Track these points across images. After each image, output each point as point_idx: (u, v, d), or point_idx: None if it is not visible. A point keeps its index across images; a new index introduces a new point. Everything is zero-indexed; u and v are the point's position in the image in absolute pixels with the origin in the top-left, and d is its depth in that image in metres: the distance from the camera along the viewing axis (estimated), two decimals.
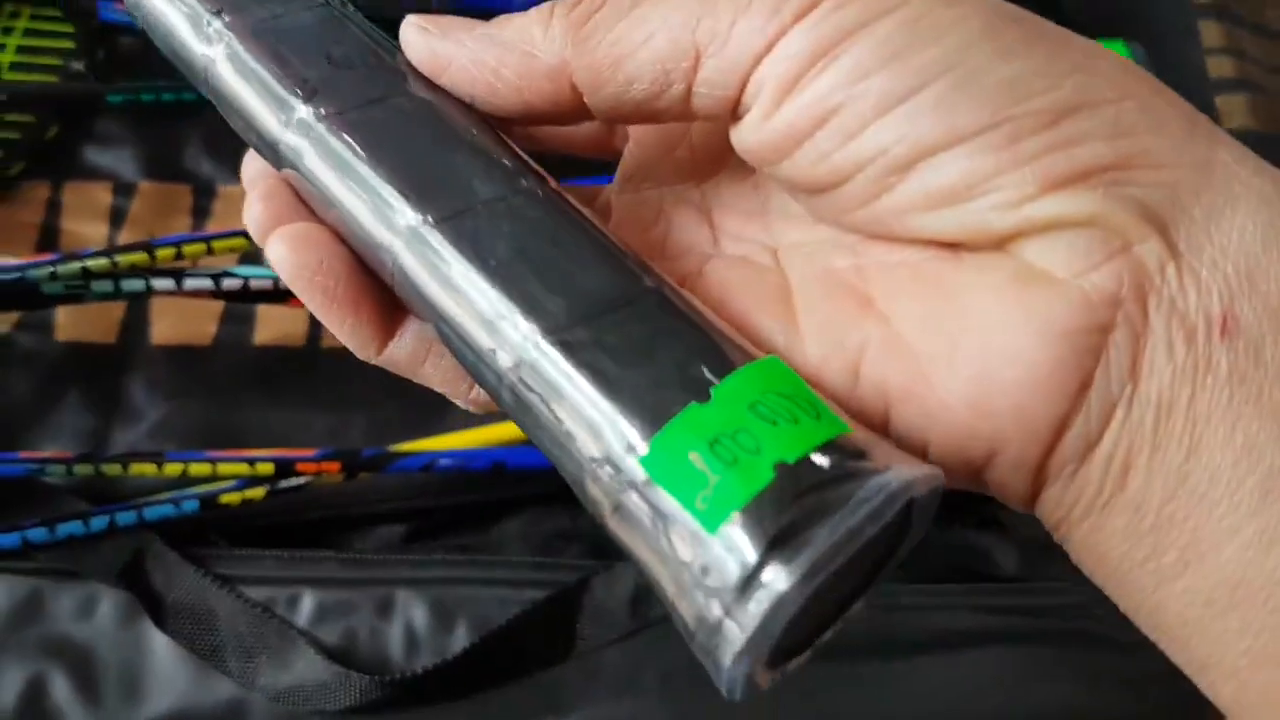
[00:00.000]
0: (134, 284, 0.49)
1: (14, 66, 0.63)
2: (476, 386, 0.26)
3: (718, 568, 0.19)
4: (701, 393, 0.21)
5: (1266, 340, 0.21)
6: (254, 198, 0.27)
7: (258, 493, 0.49)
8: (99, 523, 0.48)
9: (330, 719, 0.46)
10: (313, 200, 0.26)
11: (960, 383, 0.22)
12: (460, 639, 0.48)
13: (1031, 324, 0.22)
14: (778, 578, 0.19)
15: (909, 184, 0.22)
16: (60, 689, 0.46)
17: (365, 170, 0.25)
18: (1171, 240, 0.22)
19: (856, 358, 0.24)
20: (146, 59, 0.65)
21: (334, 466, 0.49)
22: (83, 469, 0.49)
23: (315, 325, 0.58)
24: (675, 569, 0.20)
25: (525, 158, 0.26)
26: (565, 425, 0.22)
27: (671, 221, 0.28)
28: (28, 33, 0.65)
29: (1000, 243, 0.23)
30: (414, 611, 0.48)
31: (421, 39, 0.27)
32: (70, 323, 0.57)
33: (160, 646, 0.47)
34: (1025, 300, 0.22)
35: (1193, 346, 0.21)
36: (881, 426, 0.23)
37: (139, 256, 0.48)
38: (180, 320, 0.57)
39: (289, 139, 0.26)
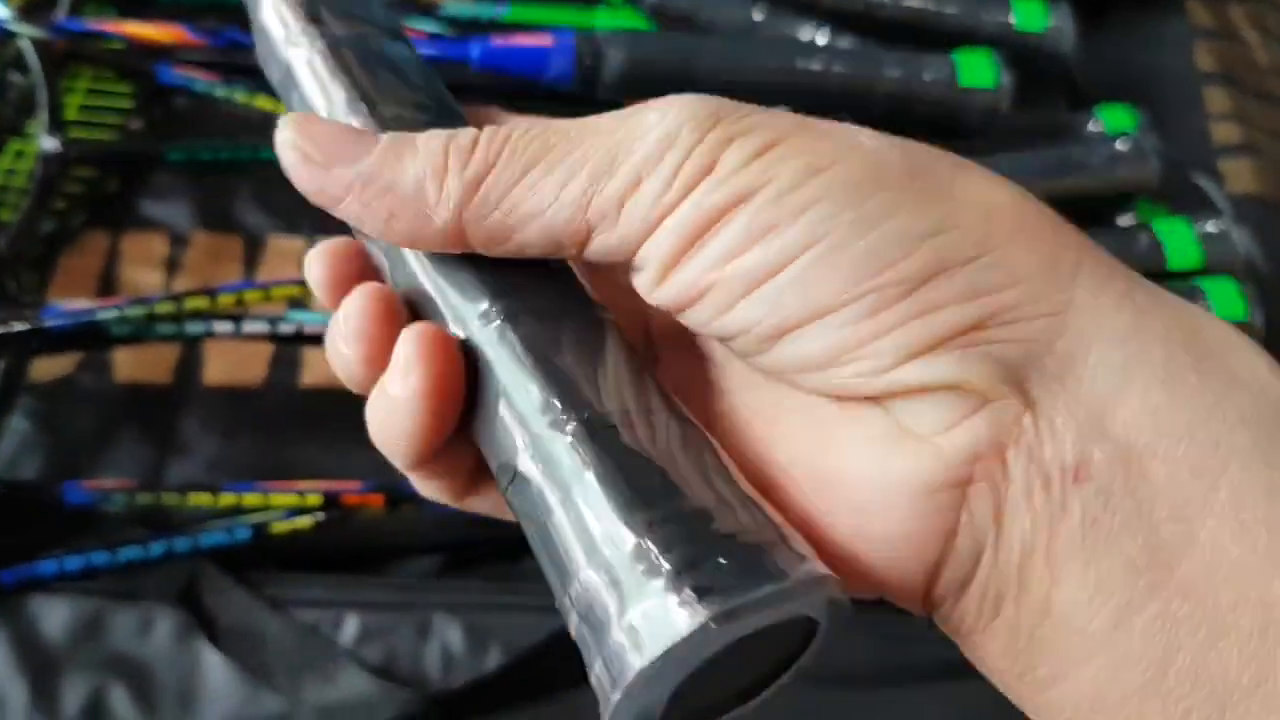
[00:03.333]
0: (196, 327, 0.52)
1: (75, 124, 0.66)
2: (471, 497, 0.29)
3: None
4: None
5: (1115, 485, 0.22)
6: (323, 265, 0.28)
7: (305, 523, 0.52)
8: (158, 548, 0.51)
9: None
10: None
11: (842, 534, 0.24)
12: (494, 659, 0.50)
13: (897, 482, 0.23)
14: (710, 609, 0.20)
15: (781, 350, 0.24)
16: (120, 702, 0.49)
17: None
18: (1028, 393, 0.23)
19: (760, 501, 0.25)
20: (200, 118, 0.69)
21: (378, 499, 0.52)
22: (144, 497, 0.52)
23: None
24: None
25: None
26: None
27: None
28: (89, 92, 0.69)
29: (874, 400, 0.24)
30: (450, 634, 0.51)
31: (305, 169, 0.26)
32: (128, 364, 0.60)
33: (213, 664, 0.49)
34: (892, 459, 0.23)
35: (1049, 494, 0.22)
36: None
37: (201, 301, 0.52)
38: (232, 363, 0.60)
39: None
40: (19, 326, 0.51)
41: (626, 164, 0.24)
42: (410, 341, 0.25)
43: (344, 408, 0.60)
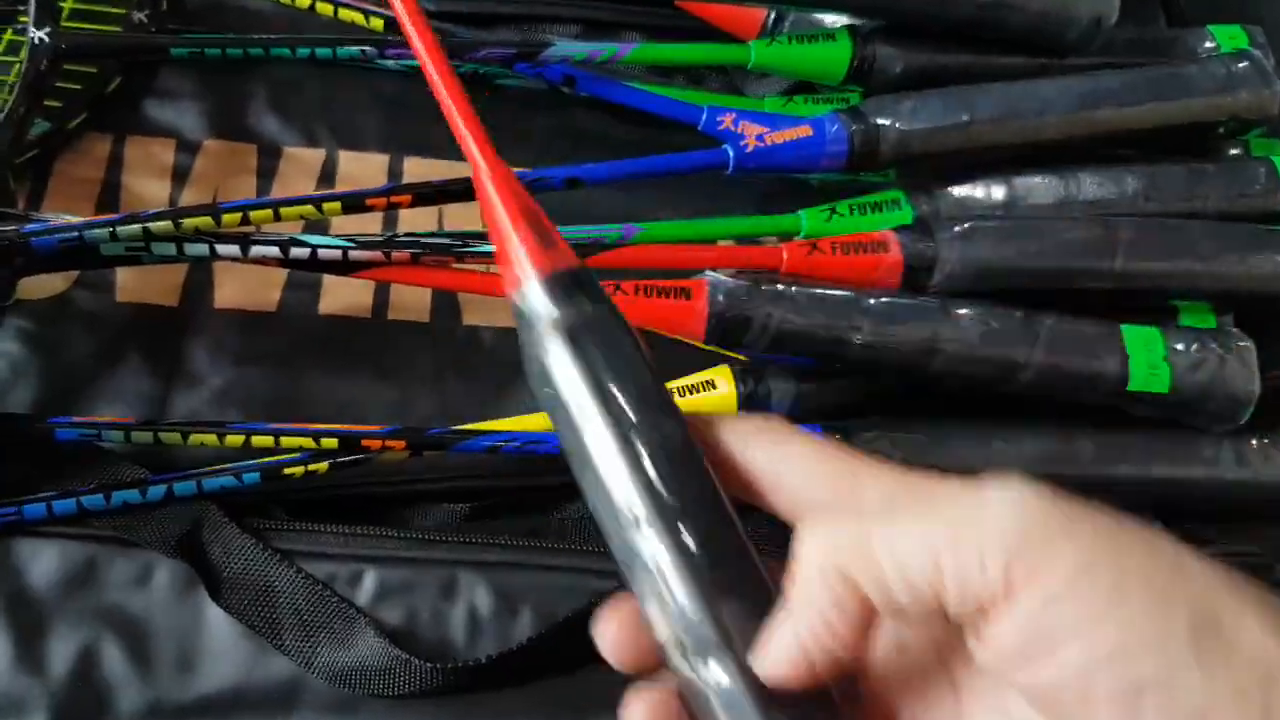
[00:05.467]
0: (198, 248, 0.47)
1: (75, 14, 0.61)
2: None
3: None
4: None
5: None
6: None
7: (320, 465, 0.47)
8: (156, 491, 0.46)
9: (389, 703, 0.44)
10: None
11: None
12: (524, 625, 0.46)
13: None
14: None
15: None
16: (113, 659, 0.45)
17: None
18: None
19: None
20: (208, 12, 0.64)
21: (399, 444, 0.47)
22: (141, 436, 0.47)
23: (382, 297, 0.56)
24: None
25: None
26: None
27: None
28: None
29: None
30: (477, 594, 0.47)
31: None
32: (132, 283, 0.55)
33: (216, 620, 0.45)
34: None
35: None
36: None
37: (203, 220, 0.46)
38: (245, 285, 0.55)
39: None
40: None
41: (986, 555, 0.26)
42: None
43: (365, 338, 0.56)
